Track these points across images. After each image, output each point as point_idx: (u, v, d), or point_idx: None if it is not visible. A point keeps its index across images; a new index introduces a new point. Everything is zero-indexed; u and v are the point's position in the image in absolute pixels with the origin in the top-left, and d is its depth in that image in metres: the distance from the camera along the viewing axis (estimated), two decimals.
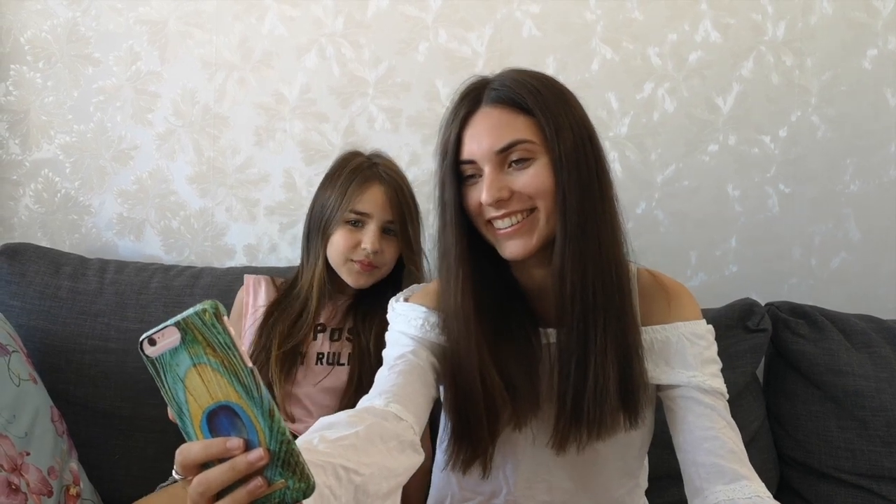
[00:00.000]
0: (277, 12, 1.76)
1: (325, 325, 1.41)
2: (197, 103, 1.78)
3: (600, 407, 0.99)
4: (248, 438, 0.61)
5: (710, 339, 1.07)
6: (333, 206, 1.37)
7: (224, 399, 0.60)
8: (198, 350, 0.59)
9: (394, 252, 1.38)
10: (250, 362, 0.60)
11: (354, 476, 0.76)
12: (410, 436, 0.91)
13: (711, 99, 1.76)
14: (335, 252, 1.37)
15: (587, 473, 1.09)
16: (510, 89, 1.00)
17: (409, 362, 1.02)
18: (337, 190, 1.37)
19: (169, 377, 0.60)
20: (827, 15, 1.74)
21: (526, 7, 1.74)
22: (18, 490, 1.26)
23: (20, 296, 1.58)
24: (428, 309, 1.08)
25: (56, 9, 1.76)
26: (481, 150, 1.00)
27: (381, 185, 1.36)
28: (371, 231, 1.34)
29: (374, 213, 1.35)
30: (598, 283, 0.99)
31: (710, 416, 1.00)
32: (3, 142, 1.79)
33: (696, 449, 0.99)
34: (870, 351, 1.53)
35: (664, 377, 1.04)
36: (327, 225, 1.38)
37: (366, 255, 1.34)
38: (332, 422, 0.85)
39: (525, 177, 0.99)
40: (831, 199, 1.78)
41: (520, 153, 0.99)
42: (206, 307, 0.59)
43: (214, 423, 0.61)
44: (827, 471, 1.51)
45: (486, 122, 1.01)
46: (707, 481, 0.96)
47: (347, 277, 1.38)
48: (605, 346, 0.99)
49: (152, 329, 0.60)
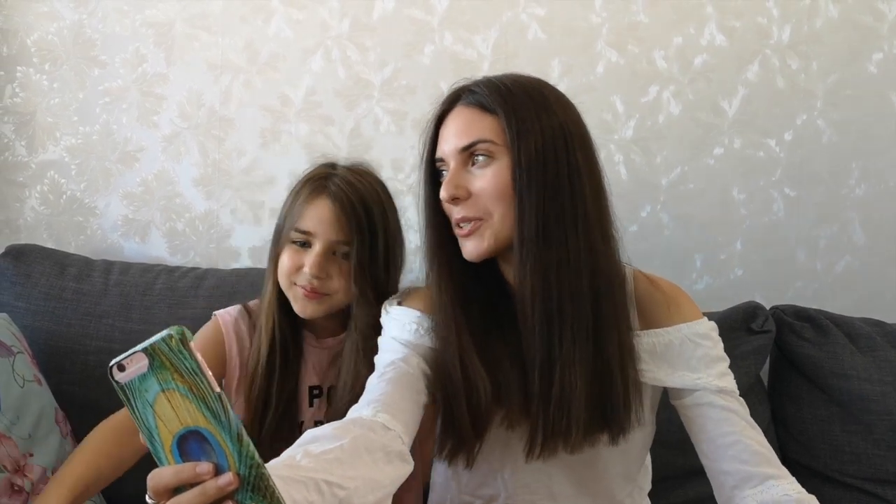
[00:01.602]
0: (283, 15, 1.76)
1: (320, 385, 1.25)
2: (203, 105, 1.78)
3: (567, 418, 0.98)
4: (217, 463, 0.61)
5: (715, 338, 1.06)
6: (282, 223, 1.23)
7: (193, 424, 0.60)
8: (166, 376, 0.60)
9: (345, 276, 1.18)
10: (218, 387, 0.60)
11: (338, 490, 0.76)
12: (398, 446, 0.90)
13: (717, 102, 1.76)
14: (281, 275, 1.20)
15: (587, 478, 1.09)
16: (482, 91, 1.01)
17: (398, 369, 1.01)
18: (288, 205, 1.23)
19: (139, 403, 0.60)
20: (832, 18, 1.74)
21: (531, 10, 1.74)
22: (22, 490, 1.27)
23: (25, 297, 1.58)
24: (422, 313, 1.07)
25: (62, 11, 1.77)
26: (448, 147, 1.02)
27: (329, 200, 1.17)
28: (313, 253, 1.17)
29: (319, 233, 1.17)
30: (565, 291, 0.97)
31: (728, 419, 1.00)
32: (9, 143, 1.79)
33: (721, 457, 0.98)
34: (875, 355, 1.53)
35: (668, 380, 1.03)
36: (277, 244, 1.23)
37: (307, 280, 1.17)
38: (316, 435, 0.85)
39: (483, 178, 0.99)
40: (836, 203, 1.78)
41: (481, 152, 0.99)
42: (173, 333, 0.59)
43: (185, 448, 0.61)
44: (832, 474, 1.50)
45: (456, 121, 1.02)
46: (736, 488, 0.96)
47: (294, 304, 1.20)
48: (572, 356, 0.97)
49: (121, 355, 0.60)
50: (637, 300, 1.08)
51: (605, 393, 0.99)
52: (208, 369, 0.60)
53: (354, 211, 1.17)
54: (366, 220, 1.17)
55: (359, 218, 1.17)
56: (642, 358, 1.04)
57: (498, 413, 1.03)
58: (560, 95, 1.03)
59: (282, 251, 1.21)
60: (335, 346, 1.26)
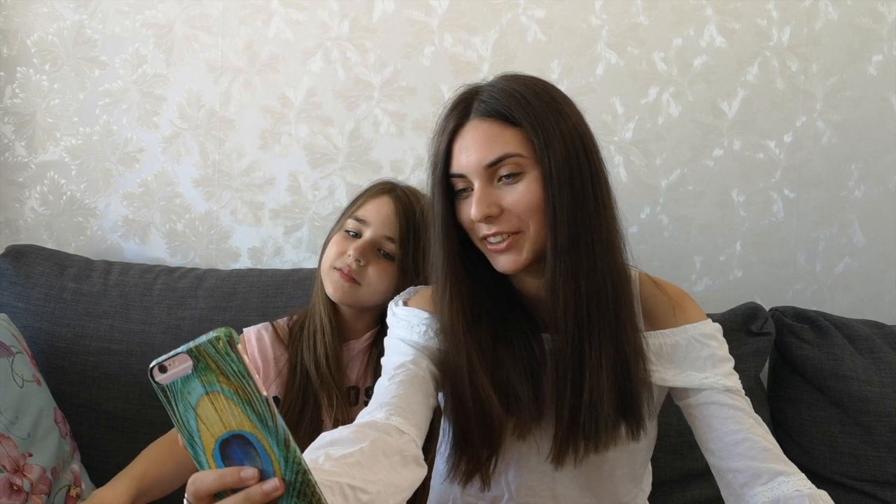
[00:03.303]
0: (283, 16, 1.76)
1: (358, 386, 1.29)
2: (203, 106, 1.78)
3: (596, 421, 0.98)
4: (262, 468, 0.60)
5: (720, 339, 1.07)
6: (340, 218, 1.31)
7: (237, 428, 0.59)
8: (210, 378, 0.59)
9: (382, 275, 1.23)
10: (265, 391, 0.59)
11: (361, 495, 0.76)
12: (413, 450, 0.90)
13: (716, 104, 1.76)
14: (325, 260, 1.26)
15: (593, 480, 1.09)
16: (498, 101, 0.97)
17: (408, 371, 1.01)
18: (349, 206, 1.31)
19: (180, 405, 0.59)
20: (832, 20, 1.74)
21: (531, 12, 1.75)
22: (21, 490, 1.26)
23: (25, 297, 1.58)
24: (431, 315, 1.06)
25: (63, 12, 1.77)
26: (470, 164, 0.98)
27: (390, 199, 1.25)
28: (362, 240, 1.23)
29: (373, 223, 1.24)
30: (593, 296, 0.98)
31: (736, 417, 0.99)
32: (9, 144, 1.79)
33: (730, 455, 0.98)
34: (874, 356, 1.53)
35: (676, 380, 1.03)
36: (330, 235, 1.30)
37: (347, 263, 1.22)
38: (334, 438, 0.84)
39: (515, 193, 0.97)
40: (836, 205, 1.78)
41: (509, 167, 0.96)
42: (220, 335, 0.58)
43: (227, 452, 0.60)
44: (831, 476, 1.50)
45: (475, 135, 0.98)
46: (746, 486, 0.96)
47: (328, 288, 1.25)
48: (599, 359, 0.98)
49: (163, 356, 0.59)
50: (642, 302, 1.08)
51: (626, 391, 1.00)
52: (255, 372, 0.59)
53: (410, 216, 1.24)
54: (418, 229, 1.23)
55: (412, 224, 1.23)
56: (649, 359, 1.04)
57: (509, 427, 1.03)
58: (563, 94, 1.03)
59: (329, 240, 1.27)
60: (353, 348, 1.30)
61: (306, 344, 1.28)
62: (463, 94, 1.02)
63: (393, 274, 1.24)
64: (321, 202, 1.78)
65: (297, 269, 1.68)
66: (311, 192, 1.78)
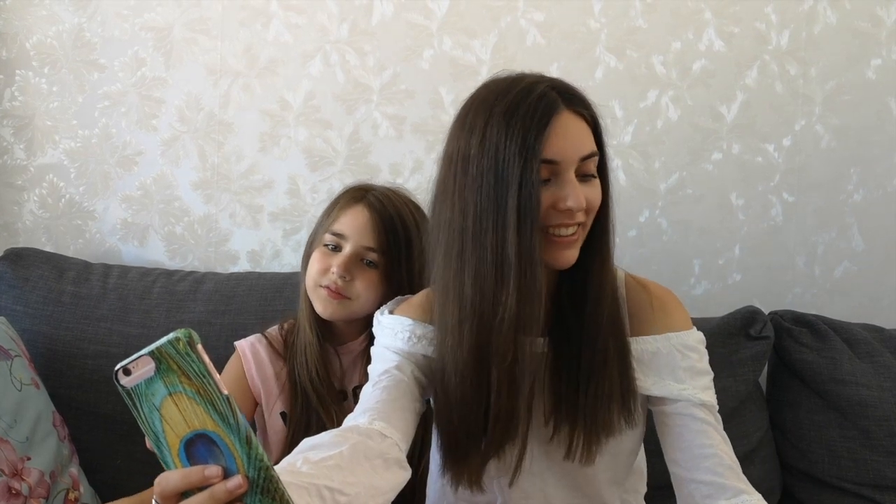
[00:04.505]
0: (283, 19, 1.76)
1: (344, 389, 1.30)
2: (202, 109, 1.78)
3: (608, 413, 1.00)
4: (226, 466, 0.61)
5: (702, 350, 1.06)
6: (315, 231, 1.29)
7: (201, 427, 0.60)
8: (173, 379, 0.59)
9: (370, 286, 1.23)
10: (226, 389, 0.60)
11: (339, 496, 0.76)
12: (396, 453, 0.90)
13: (715, 107, 1.76)
14: (309, 277, 1.25)
15: (581, 481, 1.09)
16: (582, 100, 0.99)
17: (393, 377, 1.01)
18: (324, 215, 1.30)
19: (145, 407, 0.60)
20: (831, 24, 1.74)
21: (530, 15, 1.75)
22: (19, 494, 1.26)
23: (23, 300, 1.58)
24: (414, 321, 1.06)
25: (62, 14, 1.77)
26: (568, 152, 0.95)
27: (365, 208, 1.23)
28: (343, 255, 1.22)
29: (351, 236, 1.22)
30: (603, 293, 1.00)
31: (706, 432, 1.00)
32: (8, 147, 1.79)
33: (696, 467, 0.99)
34: (873, 360, 1.53)
35: (654, 388, 1.03)
36: (308, 250, 1.29)
37: (333, 280, 1.21)
38: (315, 443, 0.85)
39: (594, 189, 0.98)
40: (835, 209, 1.78)
41: (592, 164, 0.98)
42: (180, 336, 0.59)
43: (192, 452, 0.61)
44: (830, 480, 1.50)
45: (571, 126, 0.96)
46: (709, 498, 0.96)
47: (316, 305, 1.24)
48: (606, 355, 1.00)
49: (126, 359, 0.60)
50: (627, 304, 1.09)
51: (626, 380, 1.02)
52: (216, 371, 0.60)
53: (387, 222, 1.22)
54: (397, 233, 1.22)
55: (391, 229, 1.22)
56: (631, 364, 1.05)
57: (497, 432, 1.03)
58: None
59: (310, 256, 1.26)
60: (351, 350, 1.31)
61: (299, 359, 1.28)
62: (542, 88, 0.98)
63: (380, 282, 1.24)
64: (320, 205, 1.78)
65: (295, 273, 1.67)
66: (309, 195, 1.78)
